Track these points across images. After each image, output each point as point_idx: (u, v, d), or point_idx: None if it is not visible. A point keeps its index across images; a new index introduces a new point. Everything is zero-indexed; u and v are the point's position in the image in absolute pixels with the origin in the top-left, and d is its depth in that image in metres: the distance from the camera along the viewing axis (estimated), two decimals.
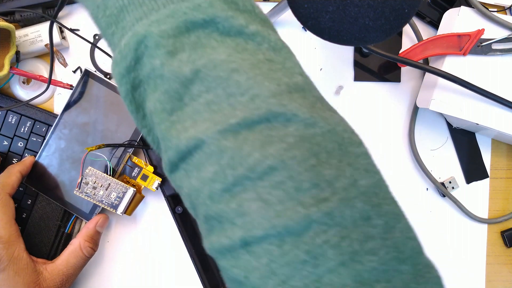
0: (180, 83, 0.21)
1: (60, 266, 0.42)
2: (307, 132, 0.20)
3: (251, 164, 0.20)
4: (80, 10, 0.49)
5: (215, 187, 0.20)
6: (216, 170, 0.20)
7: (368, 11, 0.28)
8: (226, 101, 0.21)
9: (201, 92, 0.21)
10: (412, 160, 0.51)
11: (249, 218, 0.20)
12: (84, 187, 0.44)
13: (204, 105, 0.21)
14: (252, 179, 0.20)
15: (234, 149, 0.20)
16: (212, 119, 0.21)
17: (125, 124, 0.45)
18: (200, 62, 0.21)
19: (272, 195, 0.19)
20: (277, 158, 0.19)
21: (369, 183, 0.21)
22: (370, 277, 0.19)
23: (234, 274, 0.21)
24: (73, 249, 0.43)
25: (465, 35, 0.44)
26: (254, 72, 0.21)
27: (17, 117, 0.47)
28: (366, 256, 0.19)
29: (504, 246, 0.52)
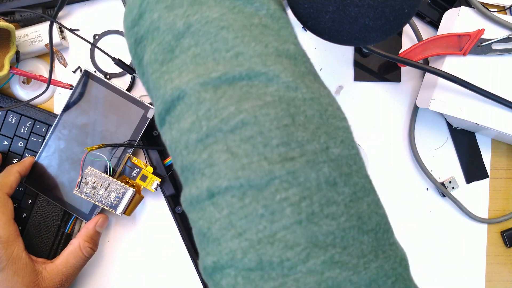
0: (173, 35, 0.22)
1: (60, 266, 0.42)
2: (287, 94, 0.21)
3: (225, 116, 0.20)
4: (80, 10, 0.49)
5: (191, 137, 0.21)
6: (193, 120, 0.21)
7: (368, 11, 0.28)
8: (211, 55, 0.22)
9: (190, 45, 0.22)
10: (412, 160, 0.51)
11: (216, 169, 0.20)
12: (83, 187, 0.44)
13: (191, 58, 0.22)
14: (224, 132, 0.20)
15: (212, 101, 0.21)
16: (196, 71, 0.21)
17: (125, 125, 0.45)
18: (193, 18, 0.22)
19: (240, 148, 0.20)
20: (250, 113, 0.20)
21: (342, 153, 0.21)
22: (326, 240, 0.19)
23: (200, 226, 0.21)
24: (72, 249, 0.43)
25: (465, 35, 0.44)
26: (243, 32, 0.22)
27: (17, 117, 0.47)
28: (325, 219, 0.19)
29: (504, 246, 0.52)
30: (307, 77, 0.22)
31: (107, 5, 0.49)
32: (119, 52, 0.49)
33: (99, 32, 0.49)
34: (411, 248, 0.51)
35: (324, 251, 0.19)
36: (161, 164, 0.47)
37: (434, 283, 0.51)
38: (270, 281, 0.19)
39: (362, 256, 0.19)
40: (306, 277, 0.18)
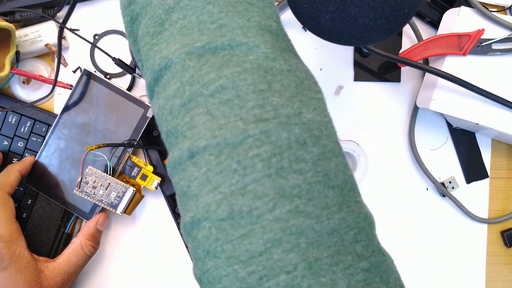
0: (163, 10, 0.24)
1: (62, 265, 0.42)
2: (265, 63, 0.22)
3: (206, 81, 0.22)
4: (80, 10, 0.49)
5: (175, 103, 0.22)
6: (177, 86, 0.22)
7: (368, 11, 0.28)
8: (196, 26, 0.23)
9: (178, 19, 0.24)
10: (412, 160, 0.51)
11: (196, 130, 0.22)
12: (84, 186, 0.44)
13: (178, 30, 0.23)
14: (205, 96, 0.22)
15: (195, 69, 0.22)
16: (182, 41, 0.23)
17: (125, 124, 0.45)
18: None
19: (219, 111, 0.21)
20: (229, 79, 0.22)
21: (314, 119, 0.22)
22: (292, 192, 0.20)
23: (181, 186, 0.23)
24: (74, 248, 0.43)
25: (465, 35, 0.44)
26: (227, 8, 0.23)
27: (17, 117, 0.47)
28: (292, 174, 0.20)
29: (504, 246, 0.52)
30: (286, 53, 0.24)
31: (107, 5, 0.49)
32: (119, 52, 0.49)
33: (99, 32, 0.49)
34: (411, 248, 0.51)
35: (290, 201, 0.20)
36: (161, 163, 0.47)
37: (434, 283, 0.51)
38: (239, 229, 0.20)
39: (326, 208, 0.21)
40: (272, 224, 0.20)
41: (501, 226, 0.52)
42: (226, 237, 0.20)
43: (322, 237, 0.20)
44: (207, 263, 0.21)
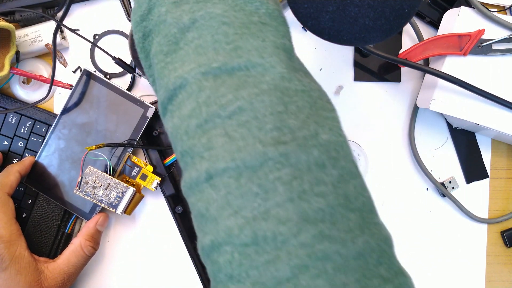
0: (178, 29, 0.24)
1: (62, 265, 0.42)
2: (281, 84, 0.22)
3: (223, 103, 0.22)
4: (80, 10, 0.49)
5: (191, 123, 0.22)
6: (193, 107, 0.22)
7: (368, 11, 0.28)
8: (211, 46, 0.23)
9: (194, 38, 0.24)
10: (412, 160, 0.51)
11: (214, 152, 0.21)
12: (84, 186, 0.44)
13: (193, 49, 0.23)
14: (222, 117, 0.22)
15: (212, 89, 0.22)
16: (197, 61, 0.23)
17: (125, 124, 0.45)
18: (198, 13, 0.24)
19: (237, 132, 0.21)
20: (247, 100, 0.21)
21: (330, 140, 0.22)
22: (315, 216, 0.20)
23: (199, 208, 0.22)
24: (74, 248, 0.43)
25: (466, 35, 0.44)
26: (242, 30, 0.23)
27: (17, 117, 0.47)
28: (314, 197, 0.20)
29: (504, 246, 0.52)
30: (299, 72, 0.24)
31: (107, 5, 0.49)
32: (119, 52, 0.49)
33: (99, 32, 0.49)
34: (411, 248, 0.51)
35: (314, 225, 0.20)
36: (161, 163, 0.47)
37: (434, 283, 0.51)
38: (264, 255, 0.20)
39: (349, 231, 0.20)
40: (298, 249, 0.19)
41: (501, 226, 0.52)
42: (251, 262, 0.20)
43: (348, 262, 0.20)
44: (230, 287, 0.21)
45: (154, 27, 0.25)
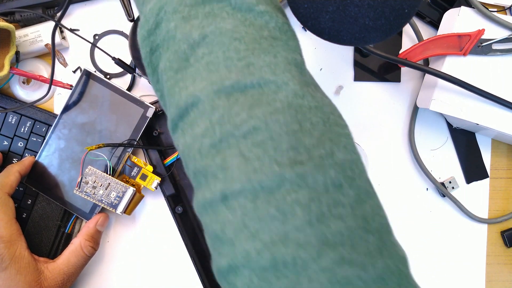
0: (188, 45, 0.24)
1: (61, 266, 0.42)
2: (295, 101, 0.22)
3: (237, 122, 0.21)
4: (80, 10, 0.49)
5: (204, 142, 0.22)
6: (207, 126, 0.22)
7: (368, 11, 0.28)
8: (223, 63, 0.23)
9: (204, 54, 0.23)
10: (412, 160, 0.51)
11: (229, 172, 0.21)
12: (84, 186, 0.44)
13: (204, 66, 0.23)
14: (236, 137, 0.21)
15: (225, 108, 0.22)
16: (209, 78, 0.22)
17: (125, 124, 0.45)
18: (208, 29, 0.23)
19: (252, 153, 0.21)
20: (261, 119, 0.21)
21: (346, 158, 0.22)
22: (335, 240, 0.20)
23: (213, 229, 0.22)
24: (74, 248, 0.43)
25: (466, 35, 0.44)
26: (253, 45, 0.23)
27: (17, 117, 0.47)
28: (333, 220, 0.20)
29: (504, 246, 0.52)
30: (310, 87, 0.24)
31: (107, 5, 0.49)
32: (119, 52, 0.49)
33: (99, 32, 0.49)
34: (411, 248, 0.51)
35: (334, 249, 0.19)
36: (161, 163, 0.47)
37: (434, 283, 0.51)
38: (284, 279, 0.19)
39: (369, 254, 0.20)
40: (318, 274, 0.19)
41: (501, 226, 0.52)
42: (270, 287, 0.20)
43: (368, 286, 0.19)
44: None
45: (162, 42, 0.25)
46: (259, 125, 0.21)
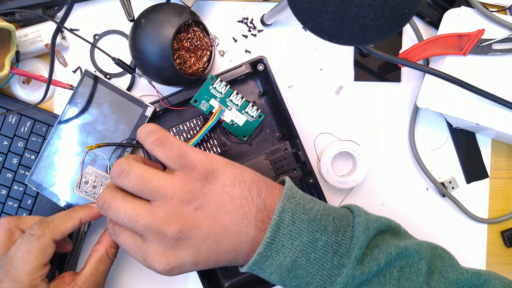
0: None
1: (90, 277, 0.40)
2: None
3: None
4: (80, 10, 0.49)
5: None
6: None
7: (368, 11, 0.28)
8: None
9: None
10: (412, 160, 0.51)
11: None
12: (84, 186, 0.44)
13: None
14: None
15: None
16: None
17: (124, 124, 0.45)
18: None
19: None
20: None
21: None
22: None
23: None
24: (100, 256, 0.40)
25: (466, 35, 0.44)
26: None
27: (17, 117, 0.47)
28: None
29: (504, 246, 0.52)
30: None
31: (107, 5, 0.49)
32: (119, 52, 0.49)
33: (99, 32, 0.49)
34: None
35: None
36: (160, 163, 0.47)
37: None
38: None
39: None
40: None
41: (501, 226, 0.52)
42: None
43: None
44: None
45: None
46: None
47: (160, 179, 0.33)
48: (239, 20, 0.50)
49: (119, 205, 0.33)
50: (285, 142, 0.47)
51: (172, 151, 0.33)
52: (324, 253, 0.33)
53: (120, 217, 0.33)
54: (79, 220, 0.40)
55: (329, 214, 0.34)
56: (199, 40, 0.42)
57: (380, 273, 0.33)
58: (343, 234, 0.33)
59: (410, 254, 0.34)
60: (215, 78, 0.44)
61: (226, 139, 0.47)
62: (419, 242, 0.36)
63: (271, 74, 0.44)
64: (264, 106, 0.47)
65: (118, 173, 0.34)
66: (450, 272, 0.35)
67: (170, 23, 0.39)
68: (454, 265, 0.36)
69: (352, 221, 0.35)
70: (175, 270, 0.33)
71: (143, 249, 0.33)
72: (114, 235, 0.35)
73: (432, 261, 0.35)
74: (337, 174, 0.48)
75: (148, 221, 0.32)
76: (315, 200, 0.36)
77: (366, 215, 0.35)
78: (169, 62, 0.40)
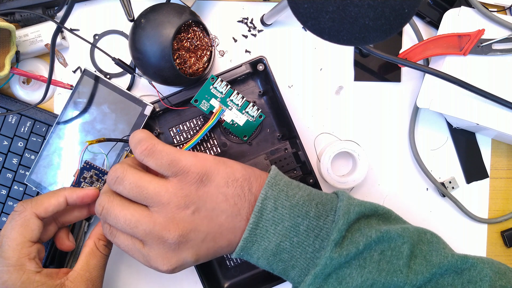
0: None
1: (81, 271, 0.39)
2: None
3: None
4: (80, 10, 0.49)
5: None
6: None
7: (368, 11, 0.28)
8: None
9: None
10: (412, 160, 0.51)
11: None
12: (81, 181, 0.44)
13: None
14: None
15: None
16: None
17: (123, 123, 0.45)
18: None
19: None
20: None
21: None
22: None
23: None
24: (89, 250, 0.40)
25: (466, 35, 0.44)
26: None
27: (17, 117, 0.47)
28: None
29: (504, 246, 0.52)
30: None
31: (107, 5, 0.49)
32: (119, 52, 0.49)
33: (99, 32, 0.49)
34: None
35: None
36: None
37: None
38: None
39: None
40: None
41: (501, 226, 0.52)
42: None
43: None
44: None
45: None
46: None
47: (154, 186, 0.34)
48: (239, 20, 0.50)
49: (118, 211, 0.34)
50: (285, 142, 0.47)
51: (162, 159, 0.34)
52: (306, 237, 0.34)
53: (120, 224, 0.34)
54: (64, 197, 0.39)
55: (312, 200, 0.36)
56: (199, 40, 0.42)
57: (360, 255, 0.34)
58: (325, 218, 0.35)
59: (393, 238, 0.35)
60: (216, 78, 0.44)
61: (226, 139, 0.47)
62: (404, 227, 0.36)
63: (271, 74, 0.44)
64: (264, 106, 0.47)
65: (113, 180, 0.34)
66: (434, 256, 0.36)
67: (170, 23, 0.39)
68: (440, 249, 0.36)
69: (336, 206, 0.36)
70: (178, 269, 0.35)
71: (145, 252, 0.34)
72: (112, 235, 0.36)
73: (417, 245, 0.36)
74: (337, 174, 0.48)
75: (148, 227, 0.33)
76: (301, 186, 0.37)
77: (349, 199, 0.36)
78: (169, 62, 0.40)
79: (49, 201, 0.39)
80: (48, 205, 0.38)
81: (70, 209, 0.42)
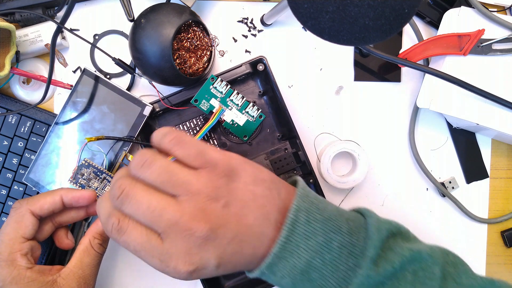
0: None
1: (74, 269, 0.39)
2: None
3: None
4: (80, 10, 0.49)
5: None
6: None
7: (368, 11, 0.28)
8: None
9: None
10: (412, 160, 0.51)
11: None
12: (78, 178, 0.44)
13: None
14: None
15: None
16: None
17: (122, 123, 0.45)
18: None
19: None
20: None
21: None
22: None
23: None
24: (84, 248, 0.40)
25: (466, 35, 0.44)
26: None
27: (17, 117, 0.47)
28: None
29: (504, 246, 0.52)
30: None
31: (107, 5, 0.49)
32: (119, 52, 0.49)
33: (99, 32, 0.49)
34: None
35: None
36: None
37: None
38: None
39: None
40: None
41: (501, 226, 0.52)
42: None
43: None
44: None
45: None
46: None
47: (185, 173, 0.30)
48: (239, 20, 0.50)
49: (141, 196, 0.29)
50: (285, 142, 0.47)
51: (190, 150, 0.32)
52: (339, 253, 0.31)
53: (141, 210, 0.29)
54: (59, 196, 0.39)
55: (342, 215, 0.34)
56: (199, 40, 0.42)
57: (394, 276, 0.32)
58: (357, 235, 0.32)
59: (424, 258, 0.33)
60: (216, 78, 0.44)
61: (226, 139, 0.47)
62: (431, 247, 0.35)
63: (271, 74, 0.44)
64: (264, 106, 0.47)
65: (140, 163, 0.30)
66: (464, 278, 0.35)
67: (170, 23, 0.39)
68: (468, 271, 0.36)
69: (364, 222, 0.34)
70: (196, 273, 0.30)
71: (162, 249, 0.29)
72: (119, 232, 0.30)
73: (445, 267, 0.35)
74: (337, 174, 0.48)
75: (175, 217, 0.29)
76: (327, 201, 0.35)
77: (376, 216, 0.35)
78: (169, 62, 0.40)
79: (44, 199, 0.39)
80: (43, 203, 0.39)
81: (67, 209, 0.42)
